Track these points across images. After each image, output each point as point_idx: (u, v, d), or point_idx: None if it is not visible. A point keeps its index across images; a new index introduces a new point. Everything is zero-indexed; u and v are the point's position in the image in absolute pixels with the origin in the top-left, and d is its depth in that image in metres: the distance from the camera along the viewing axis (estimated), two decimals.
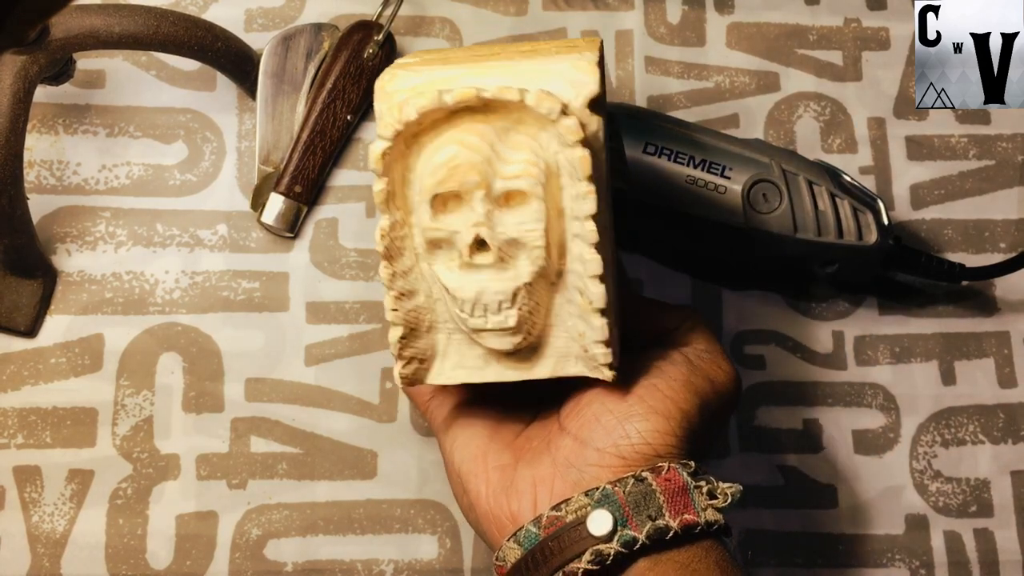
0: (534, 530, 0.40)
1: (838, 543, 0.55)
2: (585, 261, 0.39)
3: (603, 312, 0.39)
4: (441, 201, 0.39)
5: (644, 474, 0.39)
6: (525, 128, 0.39)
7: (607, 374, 0.41)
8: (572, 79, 0.39)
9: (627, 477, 0.39)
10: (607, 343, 0.40)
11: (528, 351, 0.41)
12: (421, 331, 0.42)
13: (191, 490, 0.54)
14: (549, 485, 0.41)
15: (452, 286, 0.40)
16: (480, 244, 0.39)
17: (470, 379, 0.42)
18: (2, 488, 0.53)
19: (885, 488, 0.56)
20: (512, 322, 0.40)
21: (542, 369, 0.42)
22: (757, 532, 0.55)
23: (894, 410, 0.57)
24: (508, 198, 0.39)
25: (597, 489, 0.39)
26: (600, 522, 0.38)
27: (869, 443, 0.57)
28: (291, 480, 0.54)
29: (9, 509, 0.53)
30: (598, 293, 0.39)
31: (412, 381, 0.42)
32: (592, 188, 0.38)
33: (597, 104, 0.39)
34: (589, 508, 0.39)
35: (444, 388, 0.47)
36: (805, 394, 0.57)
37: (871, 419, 0.57)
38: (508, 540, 0.41)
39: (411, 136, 0.39)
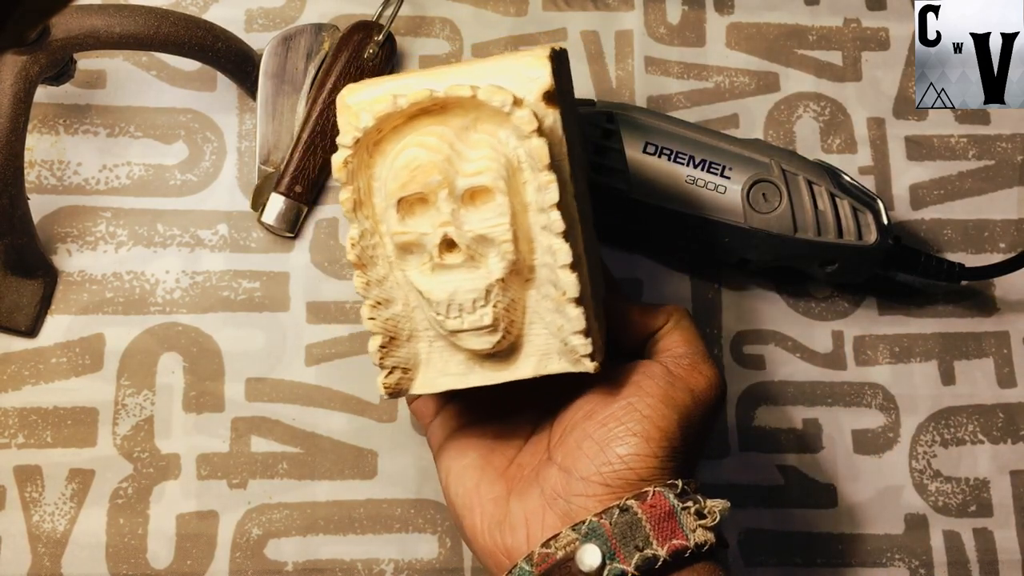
0: (527, 568, 0.39)
1: (837, 543, 0.55)
2: (554, 252, 0.39)
3: (578, 301, 0.39)
4: (407, 204, 0.40)
5: (629, 502, 0.39)
6: (483, 126, 0.39)
7: (589, 365, 0.40)
8: (525, 74, 0.39)
9: (612, 508, 0.39)
10: (586, 332, 0.40)
11: (509, 352, 0.41)
12: (401, 340, 0.42)
13: (191, 490, 0.54)
14: (540, 518, 0.40)
15: (425, 289, 0.40)
16: (449, 244, 0.40)
17: (455, 385, 0.42)
18: (3, 488, 0.54)
19: (884, 488, 0.56)
20: (488, 320, 0.40)
21: (524, 368, 0.41)
22: (757, 532, 0.55)
23: (893, 410, 0.57)
24: (472, 195, 0.39)
25: (584, 523, 0.39)
26: (589, 557, 0.38)
27: (868, 443, 0.57)
28: (291, 480, 0.54)
29: (10, 509, 0.53)
30: (570, 282, 0.39)
31: (395, 391, 0.42)
32: (552, 177, 0.39)
33: (554, 98, 0.40)
34: (578, 543, 0.38)
35: (443, 411, 0.47)
36: (805, 394, 0.57)
37: (870, 419, 0.57)
38: None
39: (373, 144, 0.40)
